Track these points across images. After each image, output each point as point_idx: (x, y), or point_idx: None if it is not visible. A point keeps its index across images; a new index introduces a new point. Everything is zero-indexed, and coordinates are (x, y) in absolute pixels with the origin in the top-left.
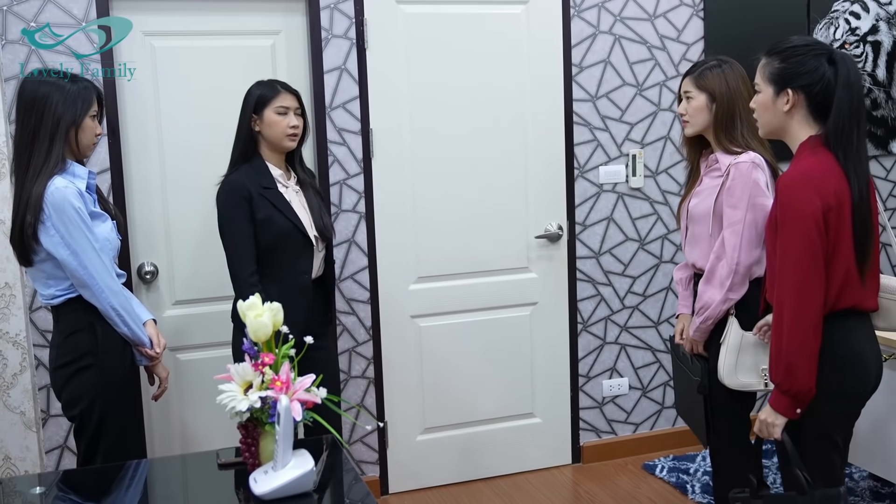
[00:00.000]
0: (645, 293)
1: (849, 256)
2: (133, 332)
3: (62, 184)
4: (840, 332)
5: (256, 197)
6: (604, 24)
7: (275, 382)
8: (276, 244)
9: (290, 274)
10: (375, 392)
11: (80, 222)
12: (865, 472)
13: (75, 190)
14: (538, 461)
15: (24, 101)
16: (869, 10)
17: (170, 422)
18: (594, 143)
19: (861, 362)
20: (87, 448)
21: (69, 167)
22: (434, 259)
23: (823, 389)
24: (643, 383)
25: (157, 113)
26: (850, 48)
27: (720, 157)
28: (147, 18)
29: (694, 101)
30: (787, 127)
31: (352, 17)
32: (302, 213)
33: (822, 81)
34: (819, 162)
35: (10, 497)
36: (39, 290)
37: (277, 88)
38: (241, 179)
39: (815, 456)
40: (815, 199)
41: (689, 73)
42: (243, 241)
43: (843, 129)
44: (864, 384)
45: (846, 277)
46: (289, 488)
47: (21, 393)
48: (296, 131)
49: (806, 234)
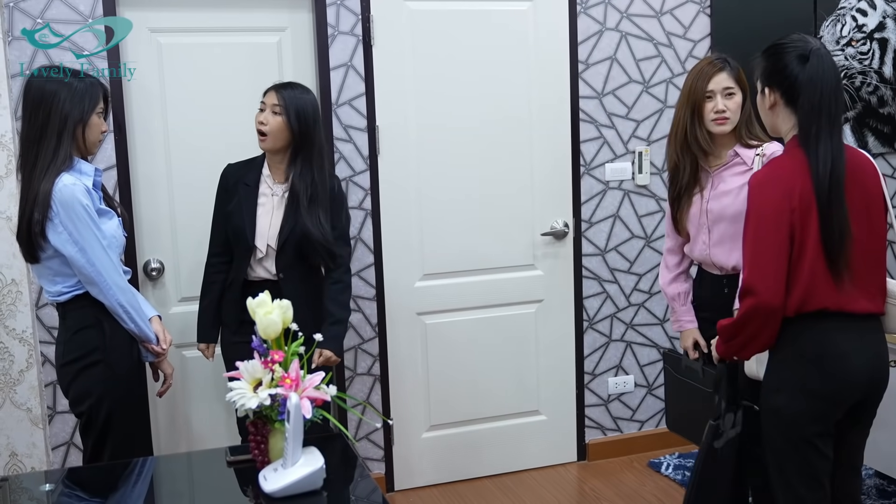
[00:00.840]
0: (651, 290)
1: (815, 257)
2: (140, 329)
3: (70, 181)
4: (810, 332)
5: (232, 189)
6: (610, 20)
7: (284, 380)
8: (232, 237)
9: (236, 268)
10: (381, 389)
11: (87, 219)
12: (871, 469)
13: (83, 187)
14: (543, 458)
15: (32, 98)
16: (876, 7)
17: (175, 419)
18: (600, 140)
19: (841, 363)
20: (94, 445)
21: (76, 164)
22: (440, 256)
23: (789, 388)
24: (649, 381)
25: (164, 110)
26: (856, 45)
27: (741, 151)
28: (153, 15)
29: (736, 98)
30: (776, 125)
31: (358, 14)
32: (263, 218)
33: (789, 79)
34: (790, 162)
35: (17, 493)
36: (46, 286)
37: (270, 86)
38: (230, 170)
39: (794, 454)
40: (780, 199)
41: (722, 70)
42: (215, 224)
43: (806, 127)
44: (841, 383)
45: (812, 279)
46: (299, 486)
47: (27, 390)
48: (260, 127)
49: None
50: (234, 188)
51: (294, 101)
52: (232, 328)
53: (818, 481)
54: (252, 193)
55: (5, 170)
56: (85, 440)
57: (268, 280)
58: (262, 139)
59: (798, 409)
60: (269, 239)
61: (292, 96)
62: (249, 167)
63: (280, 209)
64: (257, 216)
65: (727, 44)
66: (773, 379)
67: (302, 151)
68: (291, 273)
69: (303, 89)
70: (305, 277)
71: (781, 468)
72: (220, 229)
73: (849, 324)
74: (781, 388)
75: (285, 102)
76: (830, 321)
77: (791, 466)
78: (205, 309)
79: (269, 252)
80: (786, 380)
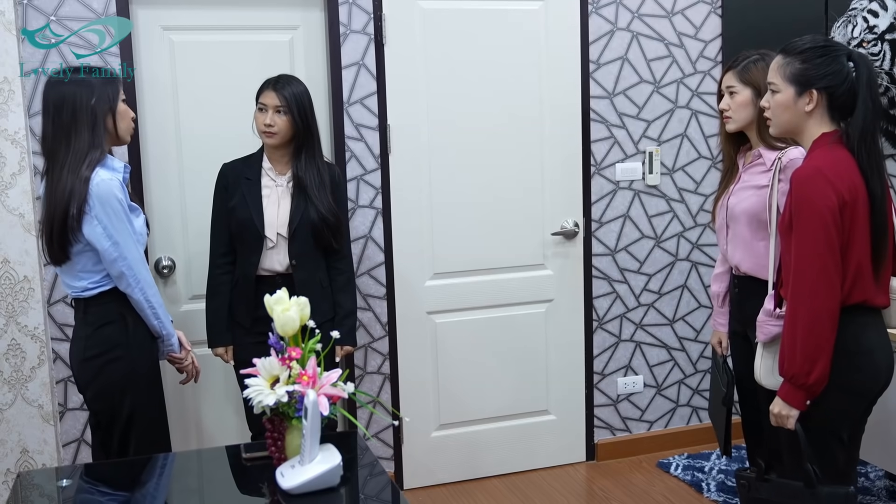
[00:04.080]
0: (660, 291)
1: (862, 252)
2: (163, 326)
3: (107, 176)
4: (851, 327)
5: (233, 185)
6: (621, 20)
7: (302, 377)
8: (237, 233)
9: (244, 264)
10: (391, 388)
11: (122, 214)
12: (881, 471)
13: (119, 182)
14: (552, 458)
15: (53, 99)
16: (887, 9)
17: (185, 416)
18: (611, 140)
19: (870, 358)
20: (120, 440)
21: (108, 161)
22: (450, 255)
23: (831, 384)
24: (658, 381)
25: (176, 107)
26: (867, 46)
27: (763, 152)
28: (166, 13)
29: (738, 97)
30: (805, 126)
31: (370, 13)
32: (271, 209)
33: (847, 82)
34: (833, 158)
35: (28, 490)
36: (70, 282)
37: (264, 85)
38: (228, 167)
39: (817, 449)
40: (831, 194)
41: (731, 68)
42: (216, 225)
43: (867, 128)
44: (873, 380)
45: (858, 273)
46: (316, 482)
47: (39, 386)
48: (268, 129)
49: (823, 228)
50: (236, 184)
51: (295, 99)
52: (246, 326)
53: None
54: (255, 186)
55: (18, 167)
56: (100, 435)
57: (279, 274)
58: (269, 137)
59: (833, 405)
60: (278, 227)
61: (292, 94)
62: (247, 163)
63: (286, 198)
64: (263, 207)
65: (738, 44)
66: None
67: (305, 142)
68: (304, 260)
69: (296, 82)
70: (317, 265)
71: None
72: (223, 228)
73: (874, 318)
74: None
75: (287, 101)
76: (864, 316)
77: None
78: (216, 311)
79: (279, 241)
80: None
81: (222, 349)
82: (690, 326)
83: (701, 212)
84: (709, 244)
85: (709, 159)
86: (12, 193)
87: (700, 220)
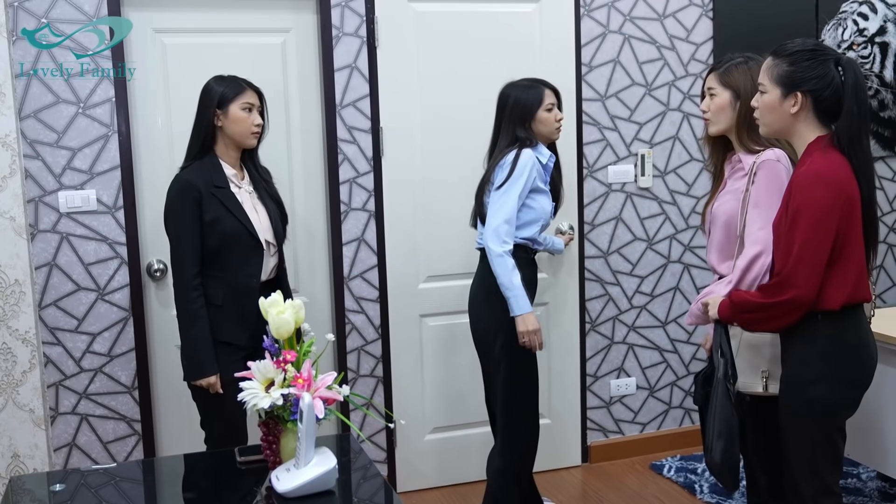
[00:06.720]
0: (653, 293)
1: (860, 253)
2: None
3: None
4: (851, 321)
5: (206, 196)
6: (613, 23)
7: (297, 380)
8: (224, 245)
9: (238, 276)
10: (384, 391)
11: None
12: (874, 472)
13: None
14: (546, 461)
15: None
16: (877, 11)
17: (180, 420)
18: (603, 142)
19: (868, 351)
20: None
21: (538, 147)
22: (443, 258)
23: (837, 377)
24: (651, 383)
25: (168, 110)
26: (857, 49)
27: (743, 157)
28: (158, 15)
29: (717, 99)
30: (793, 128)
31: (362, 15)
32: (253, 215)
33: (832, 86)
34: (830, 162)
35: (19, 495)
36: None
37: (242, 85)
38: (192, 178)
39: (825, 442)
40: (829, 198)
41: (713, 70)
42: (188, 242)
43: (854, 132)
44: (871, 370)
45: (860, 273)
46: (312, 486)
47: (30, 390)
48: (259, 129)
49: (823, 227)
50: (209, 195)
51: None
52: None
53: (840, 465)
54: (228, 194)
55: (9, 170)
56: None
57: (268, 280)
58: (255, 138)
59: (835, 398)
60: (265, 234)
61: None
62: (207, 171)
63: (259, 204)
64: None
65: (729, 47)
66: (807, 372)
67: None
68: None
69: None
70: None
71: (811, 458)
72: (196, 244)
73: (862, 312)
74: (818, 379)
75: (262, 101)
76: (857, 310)
77: (820, 454)
78: (202, 338)
79: (269, 247)
80: (822, 371)
81: (214, 378)
82: (683, 328)
83: (693, 214)
84: (701, 246)
85: (700, 162)
86: (3, 197)
87: (692, 223)
